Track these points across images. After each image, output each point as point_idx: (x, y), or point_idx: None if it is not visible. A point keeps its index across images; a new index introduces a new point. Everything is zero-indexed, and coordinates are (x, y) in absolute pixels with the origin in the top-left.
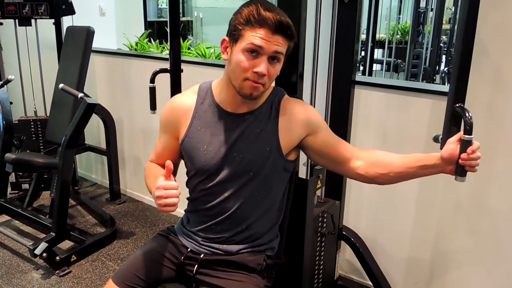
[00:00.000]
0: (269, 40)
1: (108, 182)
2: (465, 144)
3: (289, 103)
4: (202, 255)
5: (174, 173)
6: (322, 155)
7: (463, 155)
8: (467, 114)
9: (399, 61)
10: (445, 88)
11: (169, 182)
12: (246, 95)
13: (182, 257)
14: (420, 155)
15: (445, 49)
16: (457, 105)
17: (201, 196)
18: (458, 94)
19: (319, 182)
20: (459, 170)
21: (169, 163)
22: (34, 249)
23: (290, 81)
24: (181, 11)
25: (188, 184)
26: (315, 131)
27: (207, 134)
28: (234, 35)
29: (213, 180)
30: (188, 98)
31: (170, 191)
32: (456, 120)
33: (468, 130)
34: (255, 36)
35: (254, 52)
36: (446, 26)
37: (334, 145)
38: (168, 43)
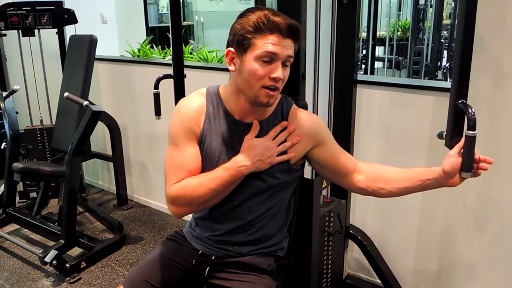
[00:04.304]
0: (282, 45)
1: (115, 188)
2: (469, 140)
3: (297, 114)
4: (213, 257)
5: None
6: (326, 167)
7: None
8: (470, 110)
9: (401, 58)
10: (447, 84)
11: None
12: (263, 103)
13: (193, 260)
14: (421, 169)
15: (446, 44)
16: (460, 101)
17: None
18: (460, 90)
19: (324, 181)
20: (465, 165)
21: (256, 122)
22: (44, 257)
23: (292, 82)
24: (182, 16)
25: None
26: (321, 143)
27: (218, 141)
28: (244, 44)
29: None
30: (197, 101)
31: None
32: (459, 116)
33: (472, 126)
34: (268, 43)
35: (268, 59)
36: (447, 21)
37: (338, 158)
38: (171, 49)
